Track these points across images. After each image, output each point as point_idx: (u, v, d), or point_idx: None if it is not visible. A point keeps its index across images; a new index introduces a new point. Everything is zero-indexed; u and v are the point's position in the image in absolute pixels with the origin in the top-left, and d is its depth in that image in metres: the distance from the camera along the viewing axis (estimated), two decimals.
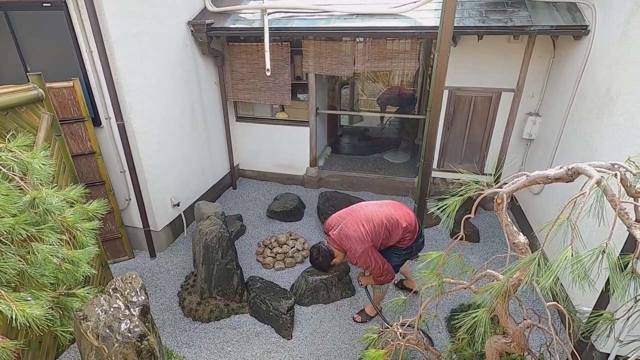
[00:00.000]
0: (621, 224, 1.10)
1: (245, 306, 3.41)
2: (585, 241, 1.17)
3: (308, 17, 4.28)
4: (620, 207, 0.99)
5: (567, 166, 1.12)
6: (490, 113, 4.63)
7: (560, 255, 0.98)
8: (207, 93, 4.77)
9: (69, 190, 2.10)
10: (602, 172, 1.02)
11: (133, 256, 4.13)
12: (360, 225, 2.72)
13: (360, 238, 2.67)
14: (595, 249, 0.96)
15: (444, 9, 2.92)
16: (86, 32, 3.19)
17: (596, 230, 1.14)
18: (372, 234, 2.70)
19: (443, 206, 1.35)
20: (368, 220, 2.74)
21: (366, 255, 2.66)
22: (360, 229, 2.70)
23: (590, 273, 0.95)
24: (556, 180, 1.15)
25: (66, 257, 1.81)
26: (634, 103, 2.61)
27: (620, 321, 1.50)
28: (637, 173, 1.03)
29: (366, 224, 2.72)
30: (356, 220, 2.76)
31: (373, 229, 2.72)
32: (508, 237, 1.29)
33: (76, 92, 3.28)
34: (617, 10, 2.95)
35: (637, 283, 1.24)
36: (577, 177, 1.11)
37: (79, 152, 3.48)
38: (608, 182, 1.00)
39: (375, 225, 2.73)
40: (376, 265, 2.71)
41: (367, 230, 2.70)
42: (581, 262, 0.93)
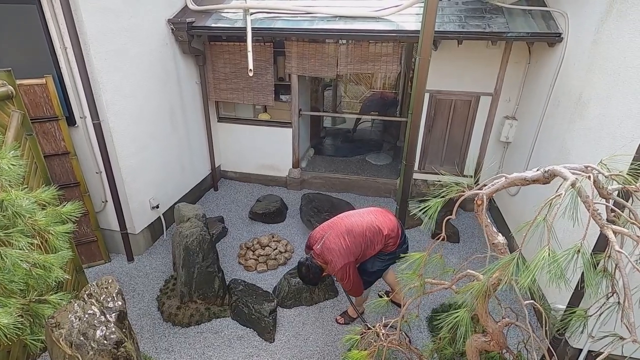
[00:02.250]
0: (594, 224, 1.14)
1: (227, 309, 3.35)
2: (560, 240, 1.21)
3: (291, 18, 4.27)
4: (593, 208, 1.03)
5: (543, 168, 1.15)
6: (470, 116, 4.74)
7: (537, 256, 1.01)
8: (187, 93, 4.68)
9: (40, 192, 2.02)
10: (577, 175, 1.06)
11: (110, 260, 3.99)
12: (342, 239, 2.74)
13: (342, 252, 2.70)
14: (571, 248, 1.00)
15: (425, 14, 2.98)
16: (60, 28, 3.07)
17: (570, 230, 1.18)
18: (353, 246, 2.73)
19: (425, 208, 1.37)
20: (349, 233, 2.76)
21: (344, 270, 2.72)
22: (341, 243, 2.73)
23: (566, 272, 0.98)
24: (533, 182, 1.19)
25: (37, 262, 1.74)
26: (604, 108, 2.73)
27: (593, 318, 1.55)
28: (609, 175, 1.08)
29: (347, 237, 2.74)
30: (337, 233, 2.78)
31: (354, 240, 2.75)
32: (488, 238, 1.32)
33: (49, 89, 3.16)
34: (588, 18, 3.08)
35: (608, 281, 1.29)
36: (553, 179, 1.14)
37: (52, 152, 3.34)
38: (582, 184, 1.04)
39: (356, 236, 2.76)
40: (348, 281, 2.78)
41: (347, 244, 2.73)
42: (557, 262, 0.96)
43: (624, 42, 2.57)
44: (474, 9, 4.01)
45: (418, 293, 1.51)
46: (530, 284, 1.00)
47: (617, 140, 2.52)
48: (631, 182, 1.07)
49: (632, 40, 2.49)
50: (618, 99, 2.58)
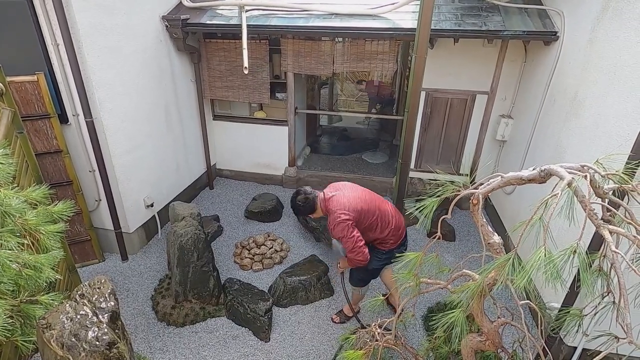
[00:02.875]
0: (589, 224, 1.13)
1: (222, 309, 3.33)
2: (555, 239, 1.20)
3: (287, 15, 4.23)
4: (590, 208, 1.02)
5: (539, 168, 1.14)
6: (466, 115, 4.73)
7: (533, 256, 1.00)
8: (182, 90, 4.64)
9: (31, 191, 1.98)
10: (573, 174, 1.05)
11: (103, 259, 3.96)
12: (357, 202, 2.64)
13: (347, 208, 2.58)
14: (567, 249, 0.99)
15: (422, 12, 2.96)
16: (51, 24, 3.02)
17: (565, 230, 1.18)
18: (360, 213, 2.63)
19: (421, 207, 1.36)
20: (364, 201, 2.68)
21: (345, 226, 2.55)
22: (352, 202, 2.62)
23: (563, 272, 0.98)
24: (529, 181, 1.18)
25: (27, 263, 1.71)
26: (599, 107, 2.73)
27: (588, 317, 1.55)
28: (605, 175, 1.07)
29: (362, 204, 2.65)
30: (356, 195, 2.69)
31: (364, 208, 2.64)
32: (483, 237, 1.31)
33: (41, 87, 3.11)
34: (584, 17, 3.08)
35: (604, 280, 1.29)
36: (549, 179, 1.14)
37: (44, 151, 3.30)
38: (578, 184, 1.03)
39: (369, 208, 2.67)
40: (350, 239, 2.57)
41: (359, 208, 2.62)
42: (554, 262, 0.95)
43: (620, 40, 2.57)
44: (470, 7, 4.00)
45: (414, 293, 1.51)
46: (525, 284, 0.99)
47: (613, 139, 2.52)
48: (627, 181, 1.06)
49: (627, 39, 2.49)
50: (614, 98, 2.58)
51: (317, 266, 3.69)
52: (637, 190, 1.06)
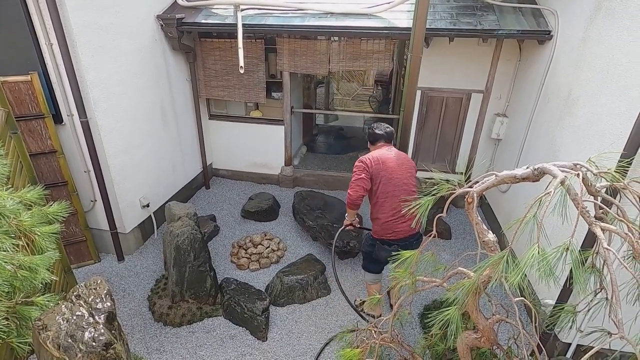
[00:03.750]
0: (582, 221, 1.15)
1: (219, 309, 3.33)
2: (550, 237, 1.21)
3: (282, 14, 4.23)
4: (582, 206, 1.03)
5: (533, 166, 1.16)
6: (461, 113, 4.76)
7: (527, 253, 1.01)
8: (178, 90, 4.62)
9: (25, 192, 1.97)
10: (566, 172, 1.07)
11: (99, 260, 3.94)
12: (380, 162, 2.71)
13: (370, 159, 2.73)
14: (560, 246, 1.00)
15: (417, 12, 2.97)
16: (45, 23, 3.00)
17: (559, 227, 1.19)
18: (375, 172, 2.71)
19: (416, 205, 1.37)
20: (386, 170, 2.71)
21: (359, 165, 2.76)
22: (377, 159, 2.72)
23: (556, 270, 0.99)
24: (523, 179, 1.19)
25: (22, 264, 1.70)
26: (592, 106, 2.76)
27: (581, 313, 1.57)
28: (597, 173, 1.09)
29: (382, 169, 2.70)
30: (384, 159, 2.74)
31: (380, 173, 2.70)
32: (478, 236, 1.32)
33: (34, 86, 3.09)
34: (577, 16, 3.11)
35: (596, 277, 1.30)
36: (543, 177, 1.15)
37: (39, 151, 3.28)
38: (571, 182, 1.04)
39: (382, 176, 2.71)
40: (354, 175, 2.76)
41: (375, 166, 2.71)
42: (547, 260, 0.97)
43: (612, 40, 2.60)
44: (465, 6, 4.01)
45: (410, 291, 1.52)
46: (520, 281, 1.00)
47: (606, 137, 2.55)
48: (619, 179, 1.08)
49: (620, 38, 2.52)
50: (606, 97, 2.60)
51: (314, 265, 3.69)
52: (628, 188, 1.07)
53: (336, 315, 3.37)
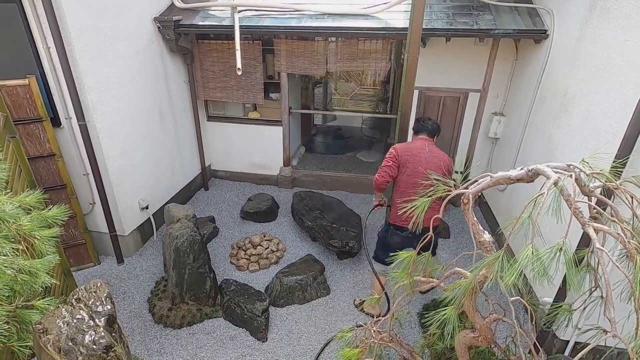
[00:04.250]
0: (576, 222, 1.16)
1: (219, 310, 3.34)
2: (547, 236, 1.23)
3: (280, 15, 4.24)
4: (575, 207, 1.05)
5: (527, 167, 1.17)
6: (459, 112, 4.78)
7: (521, 253, 1.03)
8: (176, 92, 4.62)
9: (25, 196, 1.98)
10: (559, 173, 1.08)
11: (99, 262, 3.94)
12: (409, 152, 2.89)
13: (401, 148, 2.93)
14: (553, 246, 1.02)
15: (413, 12, 2.98)
16: (42, 27, 3.00)
17: (556, 226, 1.21)
18: (402, 161, 2.87)
19: (413, 207, 1.39)
20: (412, 162, 2.85)
21: (389, 152, 2.96)
22: (406, 149, 2.91)
23: (549, 269, 1.00)
24: (518, 180, 1.20)
25: (22, 268, 1.70)
26: (588, 104, 2.77)
27: (578, 311, 1.59)
28: (590, 174, 1.10)
29: (409, 158, 2.86)
30: (413, 152, 2.90)
31: (407, 160, 2.87)
32: (474, 236, 1.34)
33: (32, 90, 3.09)
34: (572, 16, 3.12)
35: (592, 275, 1.32)
36: (537, 178, 1.16)
37: (37, 155, 3.28)
38: (564, 183, 1.06)
39: (407, 167, 2.86)
40: (384, 161, 2.96)
41: (404, 155, 2.88)
42: (540, 260, 0.98)
43: (607, 39, 2.61)
44: (461, 5, 4.03)
45: (408, 291, 1.53)
46: (515, 281, 1.01)
47: (602, 136, 2.57)
48: (611, 179, 1.09)
49: (615, 37, 2.54)
50: (602, 95, 2.62)
51: (313, 266, 3.71)
52: (620, 189, 1.08)
53: (336, 315, 3.39)
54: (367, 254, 3.28)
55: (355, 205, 5.03)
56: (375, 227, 4.65)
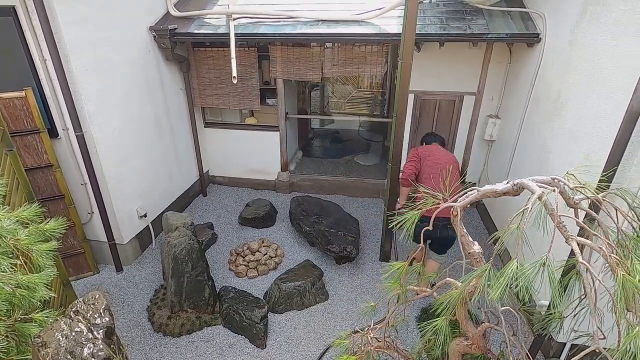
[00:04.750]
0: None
1: (218, 317, 3.36)
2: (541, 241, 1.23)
3: (274, 22, 4.26)
4: (558, 221, 1.07)
5: (513, 181, 1.19)
6: (454, 115, 4.80)
7: (507, 267, 1.05)
8: (172, 99, 4.65)
9: (22, 211, 2.00)
10: (544, 188, 1.10)
11: (98, 271, 3.96)
12: (427, 152, 3.33)
13: (420, 149, 3.41)
14: (537, 261, 1.04)
15: (406, 19, 3.01)
16: (38, 39, 3.03)
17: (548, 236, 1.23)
18: (424, 161, 3.26)
19: (402, 220, 1.41)
20: (430, 159, 3.26)
21: (411, 151, 3.43)
22: (424, 150, 3.37)
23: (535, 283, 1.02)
24: (504, 194, 1.23)
25: (21, 283, 1.72)
26: (580, 108, 2.80)
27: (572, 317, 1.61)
28: (574, 187, 1.12)
29: (427, 157, 3.26)
30: (431, 151, 3.34)
31: (426, 157, 3.27)
32: (464, 248, 1.36)
33: (29, 102, 3.11)
34: (564, 19, 3.15)
35: (581, 283, 1.34)
36: (522, 192, 1.19)
37: (35, 166, 3.30)
38: (549, 197, 1.08)
39: (426, 163, 3.25)
40: (407, 159, 3.39)
41: (423, 153, 3.30)
42: (525, 275, 1.00)
43: (598, 44, 2.64)
44: (454, 10, 4.06)
45: (401, 301, 1.55)
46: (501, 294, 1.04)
47: (594, 140, 2.59)
48: (593, 193, 1.11)
49: (605, 42, 2.56)
50: (593, 100, 2.65)
51: (311, 271, 3.72)
52: (604, 202, 1.11)
53: (334, 320, 3.40)
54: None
55: (353, 209, 5.05)
56: (373, 230, 4.68)
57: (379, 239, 4.45)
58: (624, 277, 0.92)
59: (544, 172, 3.30)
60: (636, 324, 0.92)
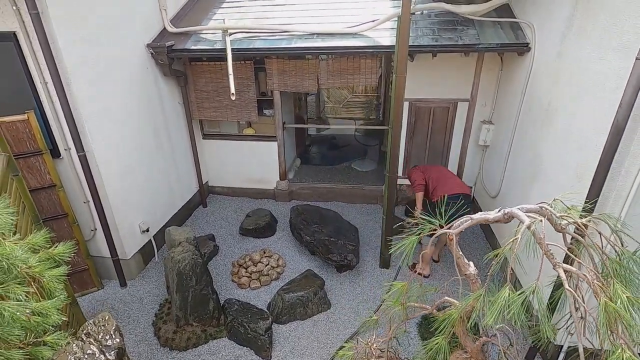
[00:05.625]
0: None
1: (223, 330, 3.42)
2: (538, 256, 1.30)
3: (270, 37, 4.34)
4: (546, 249, 1.15)
5: (503, 210, 1.27)
6: (449, 122, 4.90)
7: (499, 295, 1.13)
8: (171, 113, 4.71)
9: (32, 238, 2.05)
10: (532, 218, 1.18)
11: (102, 287, 4.01)
12: (428, 169, 4.04)
13: (418, 167, 4.09)
14: (528, 288, 1.12)
15: (399, 34, 3.09)
16: (39, 63, 3.09)
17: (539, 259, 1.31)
18: (429, 170, 3.99)
19: (402, 246, 1.48)
20: (432, 171, 3.99)
21: (412, 175, 4.01)
22: (426, 168, 4.07)
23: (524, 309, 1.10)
24: (495, 221, 1.31)
25: (35, 310, 1.78)
26: (570, 118, 2.89)
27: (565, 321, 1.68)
28: (560, 216, 1.20)
29: (428, 171, 4.00)
30: (430, 168, 4.09)
31: (430, 171, 3.95)
32: (460, 269, 1.44)
33: (32, 124, 3.17)
34: (552, 31, 3.25)
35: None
36: (512, 220, 1.26)
37: (38, 186, 3.35)
38: (537, 227, 1.16)
39: (443, 170, 4.09)
40: (412, 177, 4.01)
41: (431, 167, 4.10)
42: (516, 303, 1.08)
43: (584, 55, 2.73)
44: (446, 21, 4.15)
45: (402, 318, 1.63)
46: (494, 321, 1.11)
47: (583, 148, 2.67)
48: (576, 219, 1.20)
49: (591, 53, 2.65)
50: (582, 110, 2.73)
51: (313, 281, 3.79)
52: (585, 226, 1.19)
53: (337, 329, 3.47)
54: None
55: (351, 216, 5.13)
56: (371, 236, 4.75)
57: (378, 246, 4.52)
58: (607, 304, 1.00)
59: (537, 178, 3.40)
60: (619, 345, 1.00)
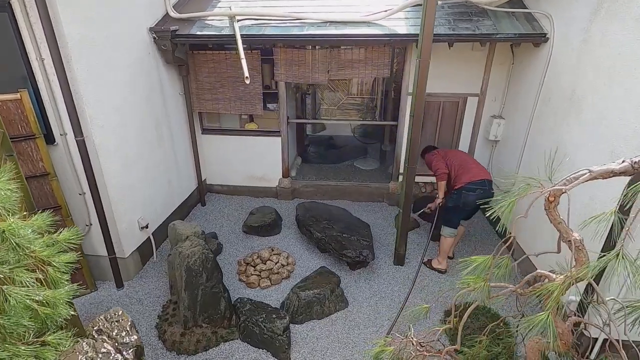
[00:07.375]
0: None
1: (235, 331, 3.14)
2: None
3: (280, 24, 4.17)
4: None
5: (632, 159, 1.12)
6: (458, 116, 4.84)
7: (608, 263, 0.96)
8: (171, 104, 4.44)
9: (35, 220, 1.77)
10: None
11: (96, 288, 3.65)
12: (447, 153, 3.95)
13: (436, 151, 3.98)
14: None
15: (425, 17, 3.00)
16: (36, 37, 2.80)
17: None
18: (447, 154, 3.88)
19: (499, 207, 1.32)
20: (452, 157, 3.84)
21: (431, 158, 3.90)
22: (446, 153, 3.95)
23: None
24: (620, 173, 1.14)
25: (45, 300, 1.50)
26: (601, 103, 2.83)
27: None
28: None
29: (450, 156, 3.85)
30: (450, 153, 3.98)
31: (450, 157, 3.82)
32: (562, 235, 1.28)
33: (24, 105, 2.86)
34: (576, 19, 3.21)
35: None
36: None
37: (30, 174, 3.02)
38: None
39: (462, 153, 4.11)
40: (433, 163, 3.83)
41: (449, 150, 4.11)
42: None
43: (615, 40, 2.69)
44: (460, 12, 4.10)
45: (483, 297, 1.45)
46: None
47: (619, 134, 2.61)
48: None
49: (624, 36, 2.61)
50: (616, 94, 2.68)
51: (329, 278, 3.58)
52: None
53: (357, 328, 3.26)
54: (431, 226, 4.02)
55: (359, 214, 4.95)
56: (382, 233, 4.59)
57: (389, 243, 4.36)
58: None
59: (559, 168, 3.33)
60: None
